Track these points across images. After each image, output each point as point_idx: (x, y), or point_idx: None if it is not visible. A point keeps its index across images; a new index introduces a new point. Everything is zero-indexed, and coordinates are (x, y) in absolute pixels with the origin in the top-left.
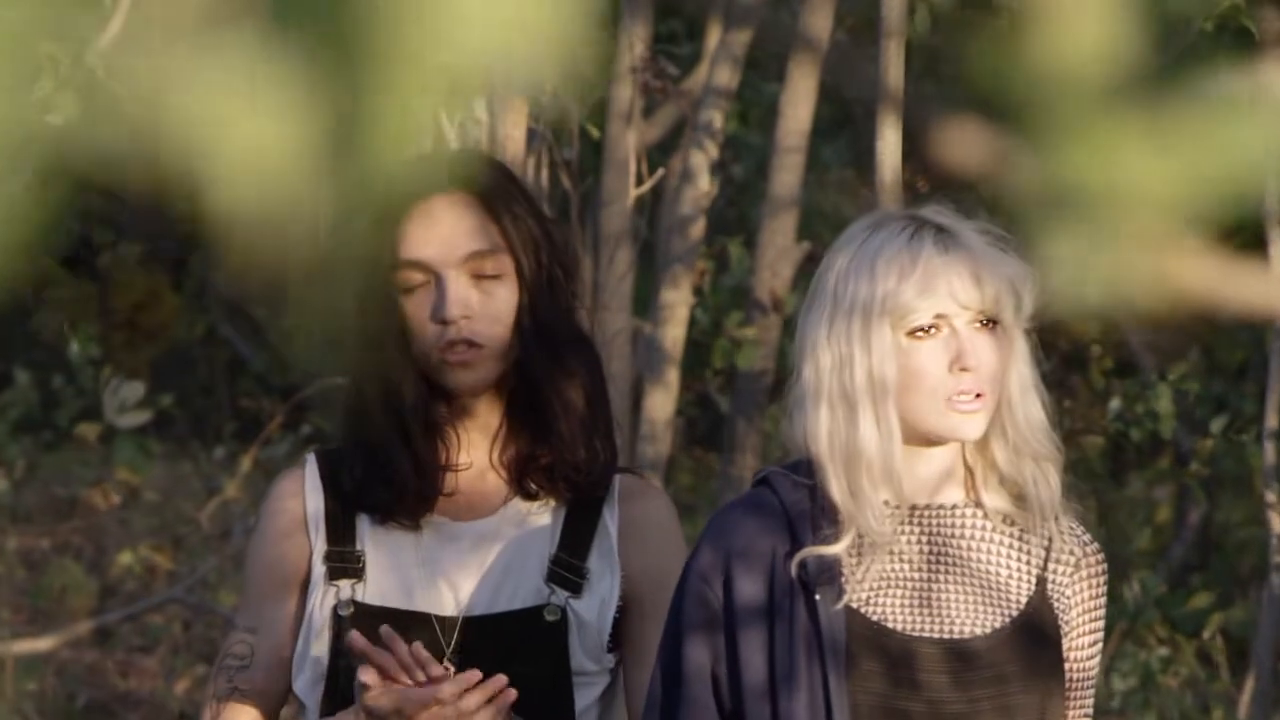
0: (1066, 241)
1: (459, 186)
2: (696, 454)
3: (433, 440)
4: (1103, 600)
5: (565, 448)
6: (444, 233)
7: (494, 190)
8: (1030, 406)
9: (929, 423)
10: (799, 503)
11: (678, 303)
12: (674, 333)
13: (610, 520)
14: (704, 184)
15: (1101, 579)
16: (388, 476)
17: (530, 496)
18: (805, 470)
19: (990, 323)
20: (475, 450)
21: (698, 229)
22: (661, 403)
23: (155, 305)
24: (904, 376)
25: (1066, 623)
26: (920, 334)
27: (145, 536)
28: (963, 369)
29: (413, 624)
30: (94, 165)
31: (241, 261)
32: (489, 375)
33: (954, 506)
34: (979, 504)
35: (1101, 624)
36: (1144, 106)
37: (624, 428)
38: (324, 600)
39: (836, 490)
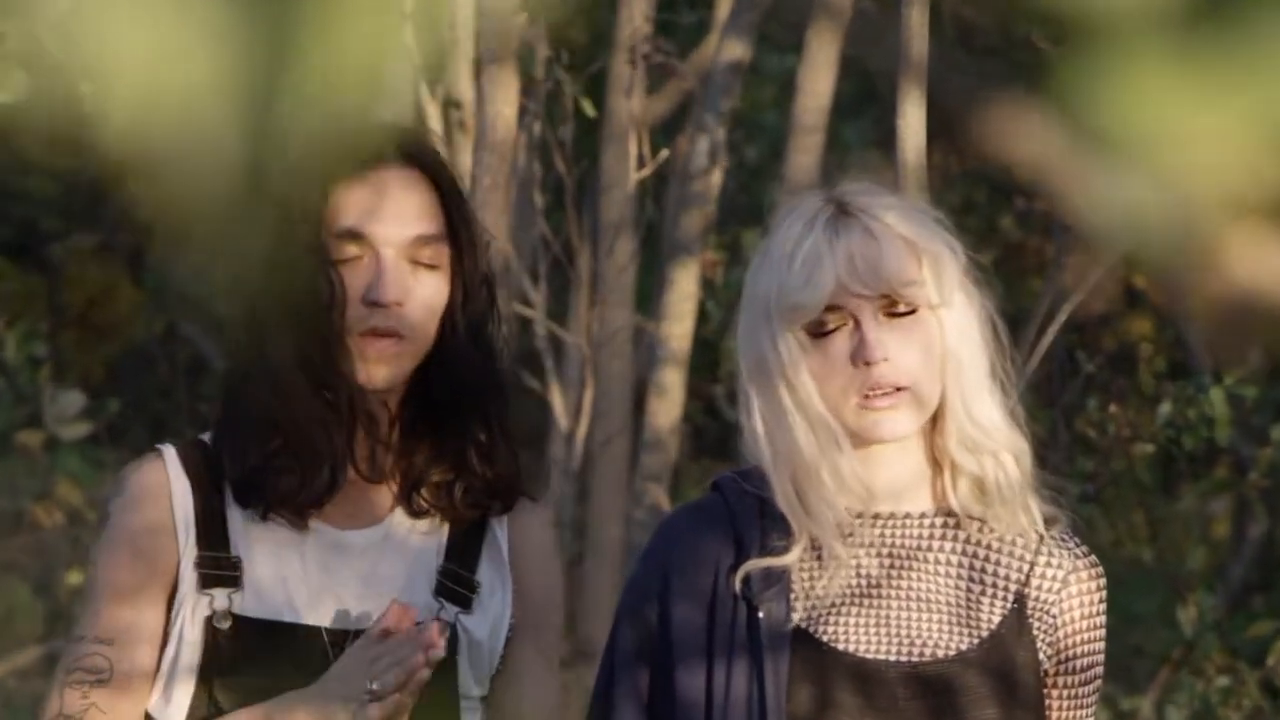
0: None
1: (413, 163)
2: (705, 465)
3: (353, 427)
4: (1100, 617)
5: (479, 463)
6: (393, 208)
7: (448, 175)
8: (972, 394)
9: (849, 423)
10: (747, 511)
11: (684, 297)
12: (680, 330)
13: (500, 531)
14: (713, 167)
15: (1098, 594)
16: (298, 463)
17: (416, 514)
18: (757, 476)
19: (906, 308)
20: (367, 452)
21: (706, 216)
22: (666, 408)
23: (111, 300)
24: (815, 376)
25: (1052, 643)
26: (821, 329)
27: None
28: (866, 363)
29: (296, 638)
30: (41, 144)
31: (165, 209)
32: (402, 372)
33: (922, 515)
34: (949, 512)
35: (1100, 643)
36: (1195, 49)
37: (625, 434)
38: (195, 611)
39: (782, 499)
